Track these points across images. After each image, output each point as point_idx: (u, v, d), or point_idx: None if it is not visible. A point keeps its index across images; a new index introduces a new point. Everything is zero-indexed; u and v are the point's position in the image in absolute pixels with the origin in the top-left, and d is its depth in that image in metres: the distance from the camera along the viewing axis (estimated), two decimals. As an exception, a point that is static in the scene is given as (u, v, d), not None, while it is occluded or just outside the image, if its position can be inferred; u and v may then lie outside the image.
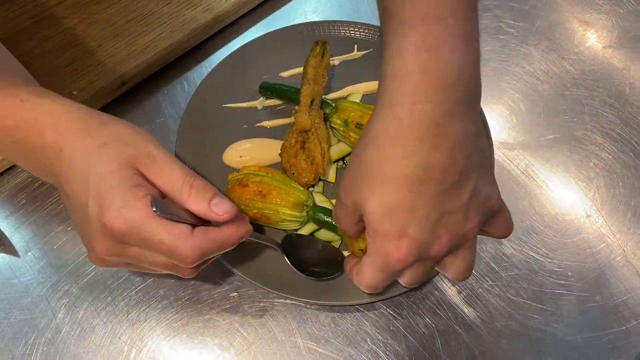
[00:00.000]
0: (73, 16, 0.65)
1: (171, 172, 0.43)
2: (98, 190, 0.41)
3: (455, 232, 0.43)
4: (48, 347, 0.52)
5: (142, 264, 0.44)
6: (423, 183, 0.41)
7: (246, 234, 0.45)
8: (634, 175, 0.60)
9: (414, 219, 0.41)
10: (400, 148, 0.41)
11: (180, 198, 0.43)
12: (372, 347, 0.52)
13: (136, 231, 0.40)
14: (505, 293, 0.55)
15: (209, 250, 0.43)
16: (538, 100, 0.65)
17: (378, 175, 0.42)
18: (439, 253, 0.43)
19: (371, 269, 0.44)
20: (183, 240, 0.41)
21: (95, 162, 0.41)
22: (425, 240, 0.42)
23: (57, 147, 0.43)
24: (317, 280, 0.53)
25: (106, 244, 0.42)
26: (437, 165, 0.41)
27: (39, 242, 0.56)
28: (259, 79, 0.63)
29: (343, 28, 0.66)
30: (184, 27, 0.65)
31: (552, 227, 0.58)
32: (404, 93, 0.41)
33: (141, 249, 0.42)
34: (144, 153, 0.43)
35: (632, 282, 0.55)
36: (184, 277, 0.47)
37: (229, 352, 0.52)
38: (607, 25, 0.70)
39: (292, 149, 0.57)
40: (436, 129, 0.40)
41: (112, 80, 0.61)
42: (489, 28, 0.70)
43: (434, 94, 0.40)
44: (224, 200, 0.43)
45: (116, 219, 0.40)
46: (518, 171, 0.61)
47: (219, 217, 0.43)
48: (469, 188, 0.42)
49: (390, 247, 0.42)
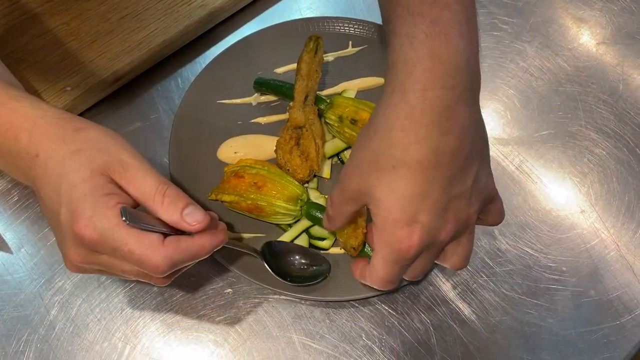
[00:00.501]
0: (66, 12, 0.64)
1: (144, 180, 0.42)
2: (70, 198, 0.41)
3: (460, 217, 0.43)
4: (41, 344, 0.51)
5: (114, 272, 0.44)
6: (434, 168, 0.41)
7: (220, 243, 0.45)
8: (628, 170, 0.60)
9: (424, 205, 0.41)
10: (413, 134, 0.41)
11: (153, 207, 0.42)
12: (367, 342, 0.52)
13: (106, 240, 0.40)
14: (500, 288, 0.55)
15: (180, 260, 0.42)
16: (532, 96, 0.65)
17: (388, 162, 0.42)
18: (445, 238, 0.43)
19: (383, 263, 0.44)
20: (153, 250, 0.41)
21: (68, 169, 0.41)
22: (435, 226, 0.42)
23: (32, 152, 0.43)
24: (301, 286, 0.52)
25: (78, 251, 0.42)
26: (448, 150, 0.41)
27: (32, 239, 0.56)
28: (253, 75, 0.63)
29: (338, 24, 0.66)
30: (178, 24, 0.65)
31: (547, 223, 0.58)
32: (415, 80, 0.41)
33: (112, 258, 0.42)
34: (117, 160, 0.43)
35: (625, 277, 0.55)
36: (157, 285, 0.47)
37: (224, 348, 0.52)
38: (600, 21, 0.70)
39: (286, 145, 0.57)
40: (447, 113, 0.41)
41: (106, 77, 0.61)
42: (483, 24, 0.70)
43: (446, 80, 0.40)
44: (196, 210, 0.43)
45: (87, 227, 0.40)
46: (512, 167, 0.61)
47: (190, 227, 0.42)
48: (473, 173, 0.43)
49: (401, 234, 0.42)
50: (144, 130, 0.62)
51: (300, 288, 0.52)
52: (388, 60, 0.44)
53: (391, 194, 0.42)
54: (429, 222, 0.42)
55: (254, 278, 0.52)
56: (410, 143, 0.41)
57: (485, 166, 0.45)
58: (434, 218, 0.42)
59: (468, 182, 0.43)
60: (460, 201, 0.43)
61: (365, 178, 0.43)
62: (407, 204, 0.41)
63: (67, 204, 0.41)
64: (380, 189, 0.42)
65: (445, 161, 0.41)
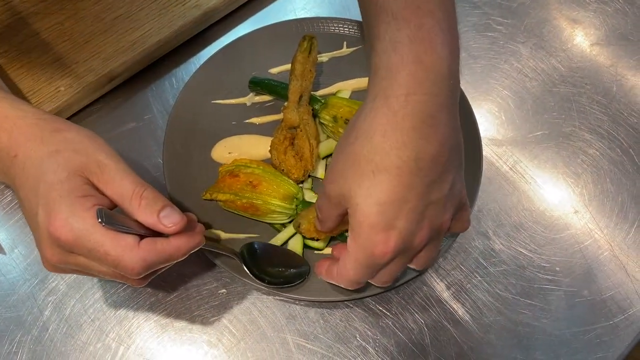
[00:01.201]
0: (60, 12, 0.64)
1: (121, 182, 0.43)
2: (47, 198, 0.41)
3: (435, 223, 0.43)
4: (35, 345, 0.51)
5: (90, 272, 0.44)
6: (413, 174, 0.41)
7: (197, 246, 0.45)
8: (621, 171, 0.61)
9: (402, 211, 0.41)
10: (394, 139, 0.41)
11: (130, 209, 0.42)
12: (361, 343, 0.52)
13: (82, 241, 0.40)
14: (494, 288, 0.55)
15: (155, 261, 0.42)
16: (526, 97, 0.65)
17: (368, 167, 0.42)
18: (419, 245, 0.44)
19: (355, 265, 0.44)
20: (129, 251, 0.41)
21: (45, 170, 0.41)
22: (411, 232, 0.42)
23: (11, 152, 0.43)
24: (279, 288, 0.52)
25: (54, 251, 0.42)
26: (428, 156, 0.41)
27: (26, 240, 0.56)
28: (247, 75, 0.63)
29: (332, 25, 0.66)
30: (173, 24, 0.64)
31: (540, 223, 0.58)
32: (398, 85, 0.41)
33: (88, 259, 0.42)
34: (94, 162, 0.43)
35: (619, 277, 0.55)
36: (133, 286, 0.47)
37: (218, 348, 0.52)
38: (594, 22, 0.70)
39: (280, 146, 0.57)
40: (430, 120, 0.41)
41: (100, 77, 0.61)
42: (477, 25, 0.70)
43: (430, 86, 0.40)
44: (173, 212, 0.43)
45: (62, 228, 0.40)
46: (506, 167, 0.61)
47: (167, 229, 0.42)
48: (450, 180, 0.43)
49: (377, 239, 0.42)
50: (138, 131, 0.62)
51: (294, 288, 0.52)
52: (371, 64, 0.44)
53: (369, 199, 0.42)
54: (406, 228, 0.42)
55: (248, 278, 0.52)
56: (390, 148, 0.41)
57: (460, 173, 0.45)
58: (410, 224, 0.42)
59: (445, 188, 0.43)
60: (437, 207, 0.43)
61: (346, 183, 0.43)
62: (384, 209, 0.41)
63: (44, 204, 0.41)
64: (359, 194, 0.42)
65: (424, 167, 0.41)
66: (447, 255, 0.56)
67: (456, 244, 0.56)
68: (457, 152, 0.44)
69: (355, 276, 0.45)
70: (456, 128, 0.43)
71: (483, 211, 0.58)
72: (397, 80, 0.41)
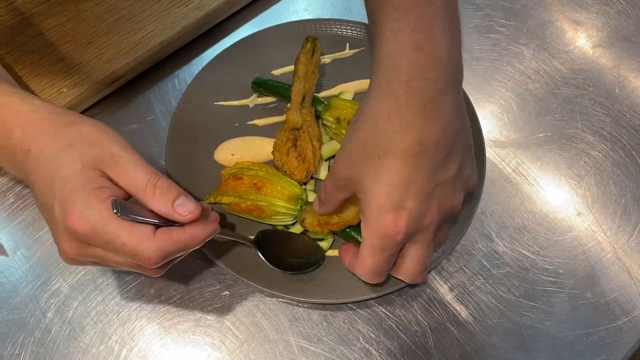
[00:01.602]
0: (62, 13, 0.64)
1: (135, 173, 0.43)
2: (62, 192, 0.41)
3: (445, 204, 0.45)
4: (37, 347, 0.51)
5: (108, 264, 0.44)
6: (418, 156, 0.42)
7: (212, 233, 0.45)
8: (624, 173, 0.61)
9: (409, 192, 0.43)
10: (398, 123, 0.42)
11: (144, 198, 0.43)
12: (364, 345, 0.52)
13: (99, 233, 0.40)
14: (497, 291, 0.55)
15: (172, 251, 0.42)
16: (529, 98, 0.65)
17: (374, 151, 0.43)
18: (430, 224, 0.45)
19: (371, 251, 0.45)
20: (145, 241, 0.41)
21: (60, 164, 0.42)
22: (420, 212, 0.44)
23: (24, 147, 0.43)
24: (295, 274, 0.52)
25: (72, 244, 0.42)
26: (432, 139, 0.42)
27: (28, 241, 0.56)
28: (250, 77, 0.63)
29: (335, 26, 0.66)
30: (175, 25, 0.64)
31: (543, 225, 0.58)
32: (400, 71, 0.42)
33: (105, 251, 0.42)
34: (108, 154, 0.43)
35: (622, 279, 0.55)
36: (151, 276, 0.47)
37: (221, 351, 0.52)
38: (597, 24, 0.70)
39: (283, 147, 0.57)
40: (431, 104, 0.42)
41: (102, 78, 0.61)
42: (480, 27, 0.70)
43: (430, 72, 0.42)
44: (188, 201, 0.43)
45: (79, 221, 0.40)
46: (509, 169, 0.61)
47: (182, 218, 0.42)
48: (457, 162, 0.45)
49: (387, 220, 0.43)
50: (141, 132, 0.62)
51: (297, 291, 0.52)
52: (374, 54, 0.45)
53: (377, 181, 0.43)
54: (415, 208, 0.43)
55: (251, 280, 0.52)
56: (395, 132, 0.42)
57: (469, 157, 0.47)
58: (419, 204, 0.43)
59: (452, 170, 0.44)
60: (445, 188, 0.44)
61: (354, 167, 0.44)
62: (392, 190, 0.43)
63: (60, 198, 0.41)
64: (367, 177, 0.44)
65: (429, 150, 0.42)
66: (450, 258, 0.56)
67: (459, 246, 0.56)
68: (462, 134, 0.45)
69: (373, 264, 0.46)
70: (460, 111, 0.45)
71: (486, 213, 0.58)
72: (399, 68, 0.42)
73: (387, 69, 0.43)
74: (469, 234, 0.57)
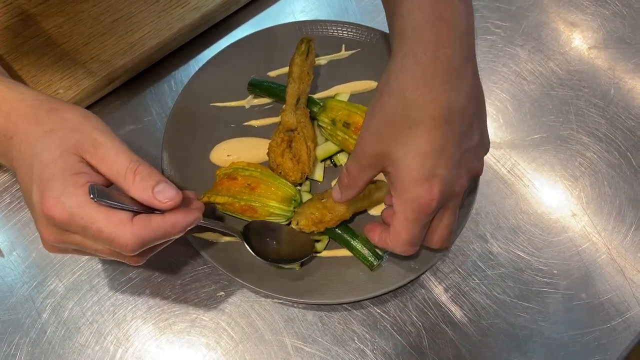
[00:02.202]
0: (59, 14, 0.64)
1: (116, 159, 0.42)
2: (40, 177, 0.41)
3: (471, 169, 0.46)
4: (33, 347, 0.51)
5: (87, 251, 0.44)
6: (447, 124, 0.43)
7: (194, 222, 0.44)
8: (619, 174, 0.61)
9: (441, 160, 0.43)
10: (427, 92, 0.43)
11: (124, 185, 0.42)
12: (359, 345, 0.52)
13: (75, 219, 0.40)
14: (492, 291, 0.55)
15: (150, 238, 0.42)
16: (524, 100, 0.65)
17: (404, 124, 0.43)
18: (460, 190, 0.46)
19: (405, 223, 0.45)
20: (122, 227, 0.40)
21: (40, 149, 0.41)
22: (452, 178, 0.44)
23: (8, 134, 0.43)
24: (281, 267, 0.53)
25: (50, 231, 0.42)
26: (458, 106, 0.43)
27: (24, 242, 0.56)
28: (246, 78, 0.63)
29: (331, 27, 0.66)
30: (172, 26, 0.65)
31: (538, 226, 0.58)
32: (426, 41, 0.43)
33: (83, 237, 0.42)
34: (89, 140, 0.42)
35: (616, 280, 0.55)
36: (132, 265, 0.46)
37: (216, 351, 0.52)
38: (592, 26, 0.70)
39: (278, 148, 0.57)
40: (456, 72, 0.43)
41: (99, 79, 0.61)
42: (476, 28, 0.69)
43: (453, 41, 0.43)
44: (168, 187, 0.42)
45: (55, 207, 0.40)
46: (504, 170, 0.61)
47: (162, 205, 0.42)
48: (478, 129, 0.46)
49: (422, 190, 0.43)
50: (137, 133, 0.62)
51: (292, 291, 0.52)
52: (393, 27, 0.46)
53: (409, 152, 0.43)
54: (446, 175, 0.44)
55: (247, 281, 0.52)
56: (424, 102, 0.43)
57: (486, 125, 0.48)
58: (450, 171, 0.44)
59: (475, 137, 0.46)
60: (471, 155, 0.46)
61: (383, 142, 0.44)
62: (425, 160, 0.43)
63: (38, 183, 0.41)
64: (399, 150, 0.44)
65: (456, 117, 0.43)
66: (445, 258, 0.56)
67: (454, 246, 0.56)
68: (482, 104, 0.47)
69: (408, 235, 0.46)
70: (478, 80, 0.46)
71: (481, 214, 0.58)
72: (423, 37, 0.43)
73: (411, 40, 0.44)
74: (464, 235, 0.57)
